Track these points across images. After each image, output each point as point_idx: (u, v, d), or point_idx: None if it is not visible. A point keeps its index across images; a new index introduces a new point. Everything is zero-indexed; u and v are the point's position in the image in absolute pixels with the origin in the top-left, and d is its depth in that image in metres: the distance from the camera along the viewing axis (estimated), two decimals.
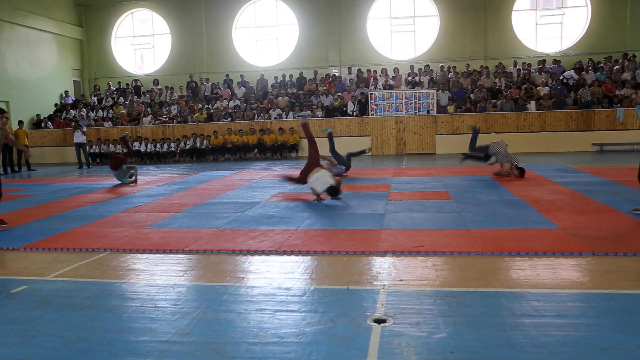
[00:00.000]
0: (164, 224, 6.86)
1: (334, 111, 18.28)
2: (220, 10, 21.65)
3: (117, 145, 17.65)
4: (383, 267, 4.68)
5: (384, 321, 3.44)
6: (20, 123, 16.88)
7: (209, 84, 21.15)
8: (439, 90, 17.81)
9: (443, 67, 19.48)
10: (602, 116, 16.31)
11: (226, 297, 4.04)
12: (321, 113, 18.30)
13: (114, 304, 3.98)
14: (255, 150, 17.80)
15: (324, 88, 19.41)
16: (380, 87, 18.47)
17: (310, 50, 21.21)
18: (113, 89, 22.11)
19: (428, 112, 17.34)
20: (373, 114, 17.67)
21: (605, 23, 19.34)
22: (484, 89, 17.91)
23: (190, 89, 21.13)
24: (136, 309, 3.86)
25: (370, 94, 17.80)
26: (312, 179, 8.11)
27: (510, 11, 20.02)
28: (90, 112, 20.41)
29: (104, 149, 18.18)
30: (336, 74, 20.34)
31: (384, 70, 19.29)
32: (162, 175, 13.48)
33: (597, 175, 10.08)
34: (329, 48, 21.05)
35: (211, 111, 19.20)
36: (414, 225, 6.24)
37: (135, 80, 22.27)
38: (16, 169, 16.57)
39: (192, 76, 21.41)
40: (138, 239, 6.05)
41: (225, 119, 18.85)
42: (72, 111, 20.48)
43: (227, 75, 21.37)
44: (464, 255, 4.98)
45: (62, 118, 20.36)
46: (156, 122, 19.24)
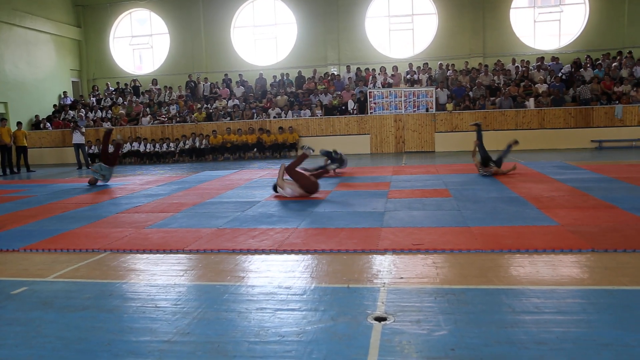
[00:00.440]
0: (163, 224, 6.85)
1: (333, 110, 18.27)
2: (219, 9, 21.63)
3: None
4: (383, 265, 4.68)
5: (384, 319, 3.44)
6: (19, 124, 16.86)
7: (207, 84, 21.14)
8: (437, 88, 17.81)
9: (442, 65, 19.48)
10: (601, 113, 16.32)
11: (227, 297, 4.04)
12: (320, 112, 18.29)
13: (114, 305, 3.97)
14: (255, 149, 17.80)
15: (323, 87, 19.41)
16: (379, 86, 18.46)
17: (308, 49, 21.19)
18: (112, 89, 22.09)
19: (427, 110, 17.34)
20: (372, 112, 17.66)
21: (603, 20, 19.35)
22: (482, 86, 17.91)
23: (189, 89, 21.11)
24: (137, 309, 3.85)
25: (369, 92, 17.80)
26: (286, 186, 8.53)
27: (508, 9, 20.02)
28: (89, 113, 20.38)
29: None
30: (335, 73, 20.34)
31: (382, 69, 19.30)
32: (162, 175, 13.47)
33: (596, 172, 10.09)
34: (327, 47, 21.04)
35: (210, 111, 19.20)
36: (413, 223, 6.24)
37: (134, 80, 22.24)
38: (15, 170, 16.56)
39: (191, 76, 21.39)
40: (138, 239, 6.04)
41: (224, 118, 18.85)
42: (71, 112, 20.46)
43: (226, 75, 21.36)
44: (464, 252, 4.98)
45: (61, 119, 20.34)
46: (155, 122, 19.24)
